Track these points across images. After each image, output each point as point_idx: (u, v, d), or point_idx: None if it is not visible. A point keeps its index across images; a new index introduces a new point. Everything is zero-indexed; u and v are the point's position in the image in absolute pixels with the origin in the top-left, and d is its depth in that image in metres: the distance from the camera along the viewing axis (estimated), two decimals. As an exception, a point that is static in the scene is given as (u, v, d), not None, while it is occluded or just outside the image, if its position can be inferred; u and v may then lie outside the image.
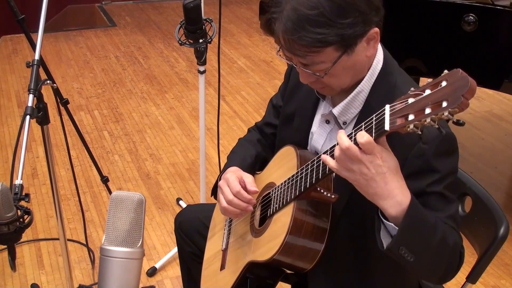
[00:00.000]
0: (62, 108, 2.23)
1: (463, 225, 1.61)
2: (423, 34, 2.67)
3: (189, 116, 3.98)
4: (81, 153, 3.46)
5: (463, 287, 1.61)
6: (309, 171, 1.38)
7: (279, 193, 1.50)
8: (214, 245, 1.77)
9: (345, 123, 1.46)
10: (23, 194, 1.50)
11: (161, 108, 4.10)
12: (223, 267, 1.68)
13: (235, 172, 1.61)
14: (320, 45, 1.27)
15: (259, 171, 1.71)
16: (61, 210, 2.03)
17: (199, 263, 1.81)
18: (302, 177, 1.40)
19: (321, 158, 1.30)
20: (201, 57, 2.40)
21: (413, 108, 1.09)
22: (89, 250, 2.68)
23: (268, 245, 1.47)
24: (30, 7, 3.41)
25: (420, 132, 1.09)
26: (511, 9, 2.46)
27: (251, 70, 4.72)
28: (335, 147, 1.23)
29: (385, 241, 1.27)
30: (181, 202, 3.07)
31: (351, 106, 1.43)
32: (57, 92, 2.18)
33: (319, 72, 1.34)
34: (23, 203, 1.47)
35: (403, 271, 1.52)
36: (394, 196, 1.22)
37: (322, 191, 1.39)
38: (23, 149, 1.62)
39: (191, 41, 2.34)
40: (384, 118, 1.14)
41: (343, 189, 1.38)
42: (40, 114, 1.76)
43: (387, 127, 1.13)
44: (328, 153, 1.29)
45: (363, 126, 1.21)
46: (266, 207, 1.57)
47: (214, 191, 1.74)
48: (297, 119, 1.59)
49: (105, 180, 2.63)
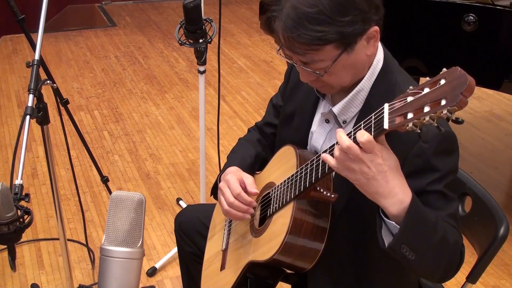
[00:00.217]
0: (62, 108, 2.23)
1: (463, 225, 1.60)
2: (423, 34, 2.67)
3: (189, 116, 3.98)
4: (81, 153, 3.46)
5: (463, 287, 1.61)
6: (308, 170, 1.38)
7: (278, 192, 1.50)
8: (214, 245, 1.77)
9: (345, 122, 1.45)
10: (23, 194, 1.50)
11: (161, 108, 4.09)
12: (223, 267, 1.68)
13: (235, 173, 1.61)
14: (319, 43, 1.28)
15: (259, 171, 1.71)
16: (61, 210, 2.03)
17: (199, 263, 1.81)
18: (301, 177, 1.40)
19: (321, 158, 1.30)
20: (201, 57, 2.40)
21: (412, 106, 1.09)
22: (89, 250, 2.68)
23: (268, 245, 1.47)
24: (30, 7, 3.41)
25: (419, 131, 1.09)
26: (511, 9, 2.46)
27: (251, 70, 4.72)
28: (335, 146, 1.23)
29: (386, 240, 1.27)
30: (181, 202, 3.07)
31: (351, 105, 1.43)
32: (57, 92, 2.18)
33: (319, 71, 1.34)
34: (23, 203, 1.47)
35: (403, 270, 1.52)
36: (395, 195, 1.22)
37: (321, 190, 1.39)
38: (23, 149, 1.62)
39: (191, 41, 2.34)
40: (383, 117, 1.14)
41: (343, 188, 1.38)
42: (40, 114, 1.76)
43: (386, 125, 1.13)
44: (328, 152, 1.29)
45: (362, 125, 1.21)
46: (266, 207, 1.57)
47: (213, 191, 1.74)
48: (297, 118, 1.59)
49: (105, 180, 2.63)
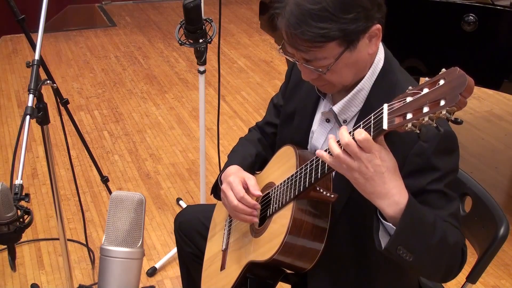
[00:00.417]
0: (62, 108, 2.23)
1: (463, 225, 1.60)
2: (423, 34, 2.67)
3: (189, 116, 3.98)
4: (81, 153, 3.46)
5: (463, 287, 1.61)
6: (308, 170, 1.38)
7: (278, 193, 1.50)
8: (214, 246, 1.77)
9: (345, 121, 1.45)
10: (23, 194, 1.50)
11: (161, 108, 4.09)
12: (223, 267, 1.68)
13: (237, 173, 1.61)
14: (322, 40, 1.28)
15: (259, 171, 1.71)
16: (61, 210, 2.03)
17: (199, 264, 1.81)
18: (301, 177, 1.40)
19: (316, 155, 1.30)
20: (201, 57, 2.40)
21: (411, 107, 1.09)
22: (89, 250, 2.68)
23: (268, 245, 1.47)
24: (30, 7, 3.40)
25: (418, 131, 1.09)
26: (511, 9, 2.46)
27: (251, 70, 4.72)
28: (334, 143, 1.23)
29: (383, 241, 1.27)
30: (181, 202, 3.07)
31: (351, 104, 1.43)
32: (57, 92, 2.18)
33: (321, 68, 1.34)
34: (23, 203, 1.47)
35: (403, 271, 1.52)
36: (391, 196, 1.22)
37: (321, 190, 1.39)
38: (23, 149, 1.62)
39: (191, 41, 2.34)
40: (382, 117, 1.14)
41: (342, 188, 1.38)
42: (40, 114, 1.76)
43: (385, 126, 1.13)
44: (328, 153, 1.29)
45: (361, 125, 1.21)
46: (265, 207, 1.57)
47: (214, 190, 1.74)
48: (297, 118, 1.59)
49: (105, 180, 2.63)
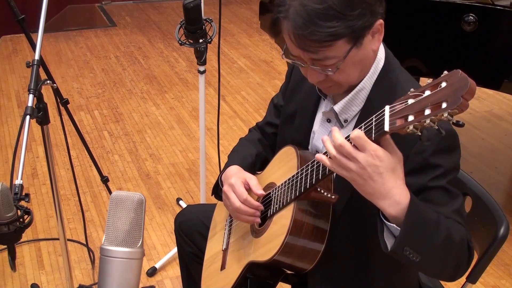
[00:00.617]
0: (62, 108, 2.23)
1: (463, 225, 1.61)
2: (423, 34, 2.67)
3: (189, 116, 3.98)
4: (81, 153, 3.46)
5: (463, 287, 1.61)
6: (309, 171, 1.38)
7: (279, 193, 1.50)
8: (214, 245, 1.77)
9: (346, 121, 1.45)
10: (23, 194, 1.50)
11: (161, 108, 4.09)
12: (223, 267, 1.68)
13: (238, 174, 1.60)
14: (332, 39, 1.26)
15: (259, 171, 1.71)
16: (61, 210, 2.03)
17: (199, 263, 1.81)
18: (302, 178, 1.40)
19: (316, 159, 1.29)
20: (201, 57, 2.40)
21: (412, 109, 1.09)
22: (89, 250, 2.68)
23: (268, 246, 1.47)
24: (30, 7, 3.41)
25: (420, 133, 1.09)
26: (511, 9, 2.46)
27: (251, 70, 4.72)
28: (329, 144, 1.23)
29: (389, 243, 1.26)
30: (181, 202, 3.07)
31: (352, 103, 1.42)
32: (57, 92, 2.18)
33: (330, 68, 1.32)
34: (23, 203, 1.47)
35: (403, 271, 1.52)
36: (392, 196, 1.21)
37: (322, 191, 1.39)
38: (23, 149, 1.62)
39: (191, 41, 2.34)
40: (383, 119, 1.14)
41: (343, 189, 1.38)
42: (40, 114, 1.76)
43: (386, 128, 1.13)
44: (327, 156, 1.28)
45: (363, 127, 1.20)
46: (266, 207, 1.57)
47: (214, 190, 1.74)
48: (298, 118, 1.59)
49: (105, 180, 2.63)
